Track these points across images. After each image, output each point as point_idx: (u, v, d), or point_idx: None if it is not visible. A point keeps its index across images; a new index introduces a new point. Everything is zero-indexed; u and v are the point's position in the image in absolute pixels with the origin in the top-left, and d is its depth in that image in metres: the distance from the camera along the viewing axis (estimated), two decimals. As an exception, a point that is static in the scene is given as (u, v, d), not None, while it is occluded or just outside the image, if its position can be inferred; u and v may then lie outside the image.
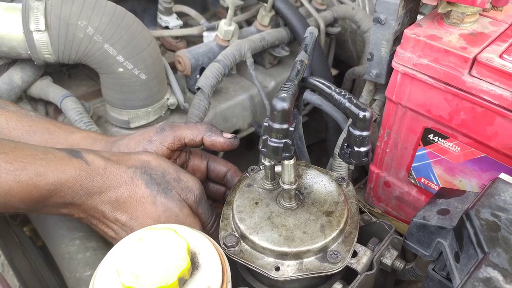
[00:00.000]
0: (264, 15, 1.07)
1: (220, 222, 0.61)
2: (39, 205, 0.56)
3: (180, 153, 0.71)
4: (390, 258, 0.61)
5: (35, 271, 1.03)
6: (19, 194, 0.53)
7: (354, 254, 0.58)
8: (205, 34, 1.08)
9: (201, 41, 1.08)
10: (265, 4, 1.06)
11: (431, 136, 0.67)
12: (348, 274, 0.59)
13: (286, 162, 0.55)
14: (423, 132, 0.67)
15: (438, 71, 0.60)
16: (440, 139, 0.66)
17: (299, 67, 0.56)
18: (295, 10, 1.06)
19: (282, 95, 0.49)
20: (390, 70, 0.68)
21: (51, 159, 0.55)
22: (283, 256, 0.55)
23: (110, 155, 0.61)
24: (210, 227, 0.67)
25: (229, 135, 0.69)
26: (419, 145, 0.69)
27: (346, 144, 0.55)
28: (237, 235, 0.58)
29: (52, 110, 0.96)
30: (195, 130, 0.68)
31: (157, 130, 0.68)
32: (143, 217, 0.60)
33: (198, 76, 0.98)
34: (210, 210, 0.66)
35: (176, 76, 0.97)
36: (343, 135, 0.80)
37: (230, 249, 0.57)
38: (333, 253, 0.55)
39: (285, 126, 0.50)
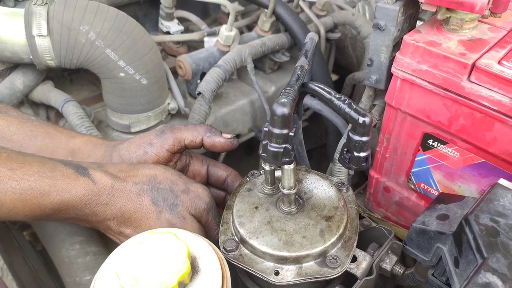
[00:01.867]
0: (265, 21, 1.08)
1: (220, 227, 0.61)
2: (42, 219, 0.57)
3: (180, 156, 0.71)
4: (389, 263, 0.61)
5: (34, 276, 1.03)
6: (23, 212, 0.53)
7: (354, 259, 0.58)
8: (206, 39, 1.09)
9: (202, 46, 1.09)
10: (266, 10, 1.07)
11: (430, 142, 0.67)
12: (347, 279, 0.59)
13: (286, 167, 0.55)
14: (422, 137, 0.68)
15: (437, 77, 0.61)
16: (439, 144, 0.66)
17: (299, 72, 0.56)
18: (295, 16, 1.07)
19: (282, 100, 0.49)
20: (389, 75, 0.69)
21: (58, 178, 0.55)
22: (283, 260, 0.55)
23: (118, 171, 0.61)
24: (217, 234, 0.67)
25: (229, 136, 0.69)
26: (419, 150, 0.69)
27: (345, 149, 0.56)
28: (237, 239, 0.58)
29: (53, 115, 0.96)
30: (194, 132, 0.68)
31: (157, 133, 0.68)
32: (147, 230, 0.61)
33: (198, 81, 0.98)
34: (219, 217, 0.66)
35: (177, 81, 0.98)
36: (343, 140, 0.80)
37: (229, 254, 0.57)
38: (333, 258, 0.55)
39: (285, 131, 0.50)
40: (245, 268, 0.56)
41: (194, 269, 0.49)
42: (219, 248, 0.55)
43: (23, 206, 0.53)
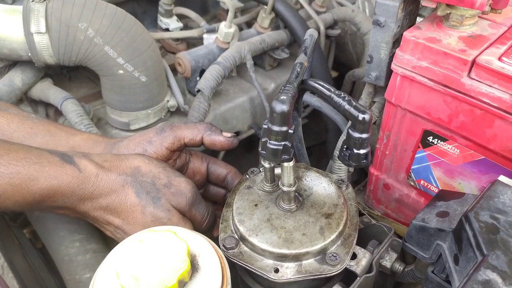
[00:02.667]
0: (264, 17, 1.08)
1: (220, 224, 0.61)
2: (33, 207, 0.57)
3: (180, 154, 0.71)
4: (389, 260, 0.61)
5: (34, 273, 1.03)
6: (13, 197, 0.54)
7: (354, 256, 0.58)
8: (205, 36, 1.08)
9: (201, 43, 1.09)
10: (265, 7, 1.07)
11: (430, 138, 0.67)
12: (347, 276, 0.59)
13: (285, 164, 0.55)
14: (422, 134, 0.68)
15: (437, 73, 0.60)
16: (439, 141, 0.66)
17: (299, 69, 0.56)
18: (295, 13, 1.06)
19: (282, 97, 0.49)
20: (389, 72, 0.68)
21: (44, 164, 0.56)
22: (282, 258, 0.55)
23: (103, 161, 0.61)
24: (205, 226, 0.67)
25: (229, 134, 0.69)
26: (419, 147, 0.69)
27: (345, 146, 0.56)
28: (236, 237, 0.58)
29: (53, 112, 0.96)
30: (194, 130, 0.68)
31: (156, 131, 0.68)
32: (134, 224, 0.61)
33: (198, 78, 0.98)
34: (205, 209, 0.66)
35: (176, 78, 0.98)
36: (342, 137, 0.80)
37: (229, 251, 0.57)
38: (332, 255, 0.55)
39: (284, 128, 0.50)
40: (244, 266, 0.56)
41: (194, 267, 0.49)
42: (218, 246, 0.55)
43: (13, 191, 0.53)
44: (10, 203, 0.54)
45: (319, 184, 0.64)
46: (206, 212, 0.66)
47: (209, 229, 0.68)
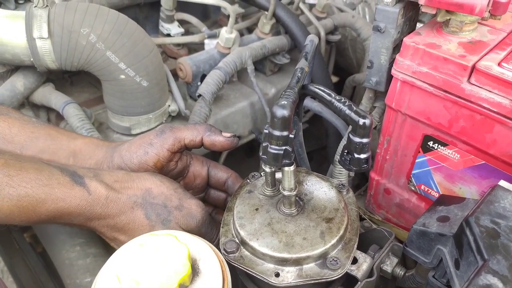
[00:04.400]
0: (265, 23, 1.08)
1: (221, 228, 0.61)
2: (38, 224, 0.58)
3: (181, 156, 0.71)
4: (390, 265, 0.61)
5: (35, 278, 1.03)
6: (19, 218, 0.54)
7: (354, 261, 0.58)
8: (206, 41, 1.09)
9: (203, 49, 1.09)
10: (266, 12, 1.07)
11: (430, 143, 0.67)
12: (348, 281, 0.59)
13: (286, 168, 0.55)
14: (422, 139, 0.68)
15: (437, 79, 0.61)
16: (439, 146, 0.66)
17: (300, 74, 0.56)
18: (295, 18, 1.07)
19: (282, 102, 0.50)
20: (389, 77, 0.69)
21: (54, 186, 0.56)
22: (283, 262, 0.55)
23: (113, 181, 0.61)
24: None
25: (228, 134, 0.69)
26: (419, 152, 0.69)
27: (346, 151, 0.56)
28: (237, 241, 0.58)
29: (54, 117, 0.96)
30: (194, 131, 0.68)
31: (157, 132, 0.68)
32: None
33: (199, 83, 0.98)
34: (213, 230, 0.66)
35: (178, 83, 0.98)
36: (343, 142, 0.80)
37: (230, 255, 0.57)
38: (333, 259, 0.55)
39: (285, 133, 0.50)
40: (245, 270, 0.56)
41: (194, 271, 0.49)
42: (219, 250, 0.55)
43: (20, 212, 0.54)
44: (15, 222, 0.55)
45: (320, 189, 0.64)
46: (216, 234, 0.66)
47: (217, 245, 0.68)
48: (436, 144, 0.67)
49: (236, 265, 0.56)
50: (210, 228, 0.66)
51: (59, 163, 0.62)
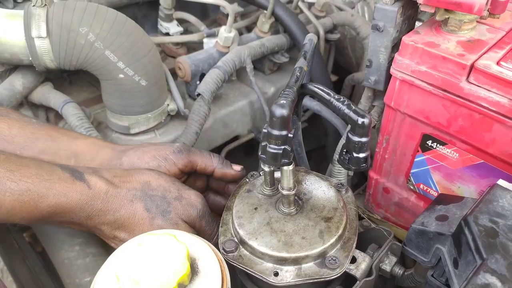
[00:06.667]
0: (264, 22, 1.08)
1: (220, 228, 0.61)
2: (39, 222, 0.58)
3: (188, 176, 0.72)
4: (389, 264, 0.61)
5: (34, 277, 1.03)
6: (21, 213, 0.54)
7: (353, 260, 0.58)
8: (205, 40, 1.09)
9: (201, 48, 1.09)
10: (265, 11, 1.07)
11: (429, 143, 0.67)
12: (347, 280, 0.59)
13: (285, 168, 0.55)
14: (421, 138, 0.68)
15: (436, 77, 0.61)
16: (438, 145, 0.66)
17: (298, 73, 0.56)
18: (294, 17, 1.07)
19: (281, 101, 0.49)
20: (388, 76, 0.69)
21: (55, 181, 0.56)
22: (282, 261, 0.55)
23: (113, 177, 0.62)
24: (215, 239, 0.67)
25: (239, 168, 0.72)
26: (418, 151, 0.69)
27: (345, 150, 0.56)
28: (236, 240, 0.59)
29: (53, 116, 0.96)
30: (208, 161, 0.71)
31: (174, 149, 0.69)
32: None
33: (198, 82, 0.98)
34: (214, 222, 0.66)
35: (176, 82, 0.98)
36: (342, 141, 0.80)
37: (229, 254, 0.57)
38: (332, 258, 0.55)
39: (284, 132, 0.50)
40: (244, 269, 0.56)
41: (193, 270, 0.49)
42: (218, 250, 0.55)
43: (21, 208, 0.53)
44: (17, 219, 0.55)
45: (319, 188, 0.64)
46: (216, 225, 0.66)
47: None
48: (435, 143, 0.67)
49: (235, 265, 0.56)
50: (210, 220, 0.66)
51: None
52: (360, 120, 0.51)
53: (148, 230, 0.60)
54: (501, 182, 0.53)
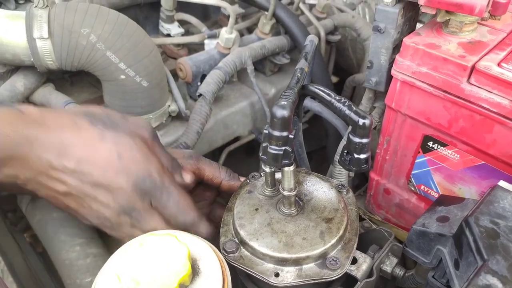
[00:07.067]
0: (265, 23, 1.08)
1: (221, 228, 0.61)
2: None
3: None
4: (390, 265, 0.61)
5: (35, 277, 1.03)
6: None
7: (354, 261, 0.58)
8: (206, 41, 1.09)
9: (203, 49, 1.09)
10: (266, 12, 1.07)
11: (430, 144, 0.67)
12: (348, 281, 0.59)
13: (286, 169, 0.55)
14: (422, 139, 0.68)
15: (437, 79, 0.61)
16: (439, 146, 0.66)
17: (299, 74, 0.56)
18: (295, 18, 1.07)
19: (282, 103, 0.50)
20: (389, 78, 0.69)
21: None
22: (283, 262, 0.55)
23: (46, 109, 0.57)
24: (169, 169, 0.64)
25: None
26: (419, 152, 0.69)
27: (346, 151, 0.56)
28: (237, 241, 0.59)
29: (54, 117, 0.96)
30: (216, 172, 0.71)
31: (184, 154, 0.69)
32: (94, 158, 0.55)
33: (199, 83, 0.98)
34: (164, 152, 0.64)
35: (178, 83, 0.98)
36: (343, 142, 0.80)
37: (230, 255, 0.57)
38: (333, 259, 0.56)
39: (285, 133, 0.50)
40: (245, 270, 0.56)
41: (194, 271, 0.49)
42: (219, 250, 0.55)
43: None
44: None
45: (320, 189, 0.64)
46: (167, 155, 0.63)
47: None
48: (436, 145, 0.67)
49: (236, 265, 0.56)
50: (162, 146, 0.63)
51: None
52: (361, 121, 0.52)
53: (101, 146, 0.55)
54: (502, 183, 0.53)
